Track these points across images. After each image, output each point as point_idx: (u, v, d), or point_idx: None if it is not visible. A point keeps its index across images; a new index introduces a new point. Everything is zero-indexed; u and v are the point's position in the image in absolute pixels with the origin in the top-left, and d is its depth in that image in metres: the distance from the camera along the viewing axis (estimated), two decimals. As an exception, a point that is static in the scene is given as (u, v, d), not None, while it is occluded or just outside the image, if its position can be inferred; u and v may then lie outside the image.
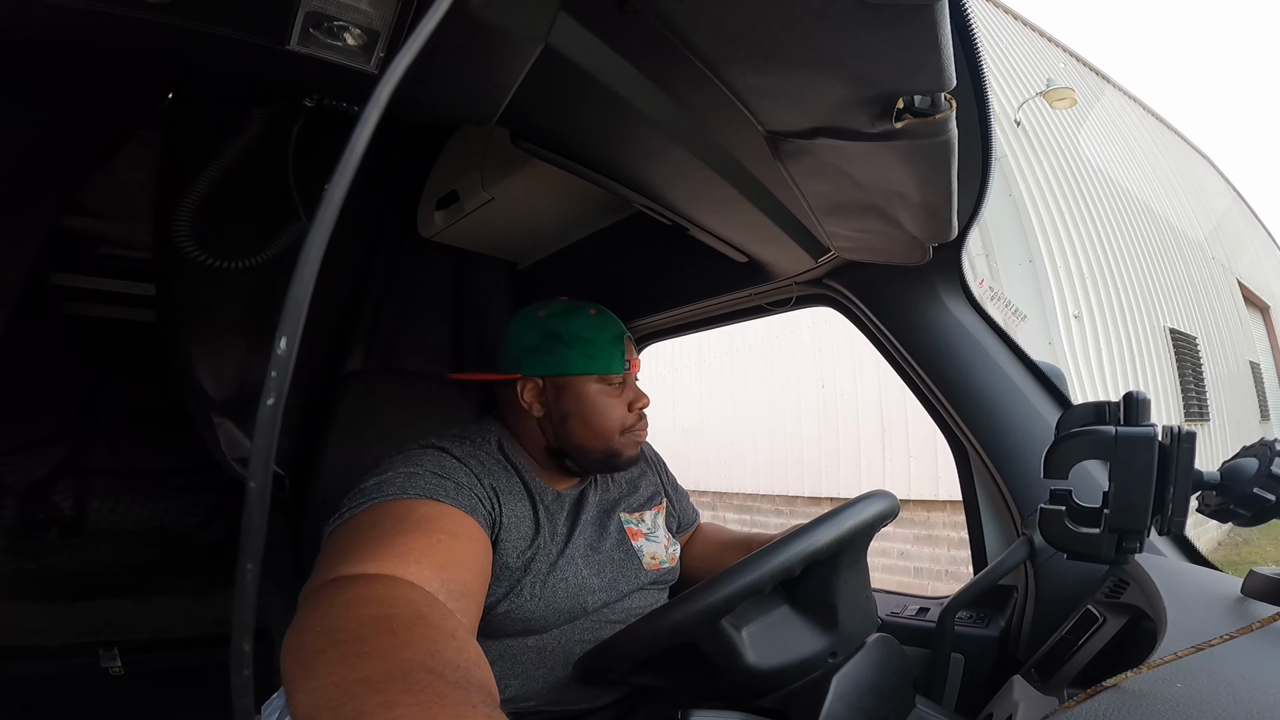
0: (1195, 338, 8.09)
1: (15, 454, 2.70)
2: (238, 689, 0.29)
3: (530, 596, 0.95)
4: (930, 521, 5.13)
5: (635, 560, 1.10)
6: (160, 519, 2.94)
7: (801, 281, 1.38)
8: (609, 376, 1.05)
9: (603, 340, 1.04)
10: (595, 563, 1.05)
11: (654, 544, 1.15)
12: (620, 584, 1.06)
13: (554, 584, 0.97)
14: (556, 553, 1.00)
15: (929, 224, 0.96)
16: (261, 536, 0.28)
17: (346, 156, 0.29)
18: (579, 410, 1.04)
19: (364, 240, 1.67)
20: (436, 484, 0.86)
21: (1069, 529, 0.76)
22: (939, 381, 1.24)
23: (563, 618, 0.98)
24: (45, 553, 2.48)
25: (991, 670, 1.14)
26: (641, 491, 1.21)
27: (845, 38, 0.55)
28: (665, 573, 1.15)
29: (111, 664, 1.93)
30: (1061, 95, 6.41)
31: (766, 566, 0.76)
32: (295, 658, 0.51)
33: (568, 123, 0.89)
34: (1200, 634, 0.63)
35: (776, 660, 0.80)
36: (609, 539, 1.09)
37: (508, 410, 1.10)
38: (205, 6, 0.61)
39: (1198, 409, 7.58)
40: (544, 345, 1.03)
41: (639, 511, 1.17)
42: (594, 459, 1.07)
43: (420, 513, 0.79)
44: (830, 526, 0.80)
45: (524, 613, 0.94)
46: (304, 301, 0.27)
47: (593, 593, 1.01)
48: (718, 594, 0.75)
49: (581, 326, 1.04)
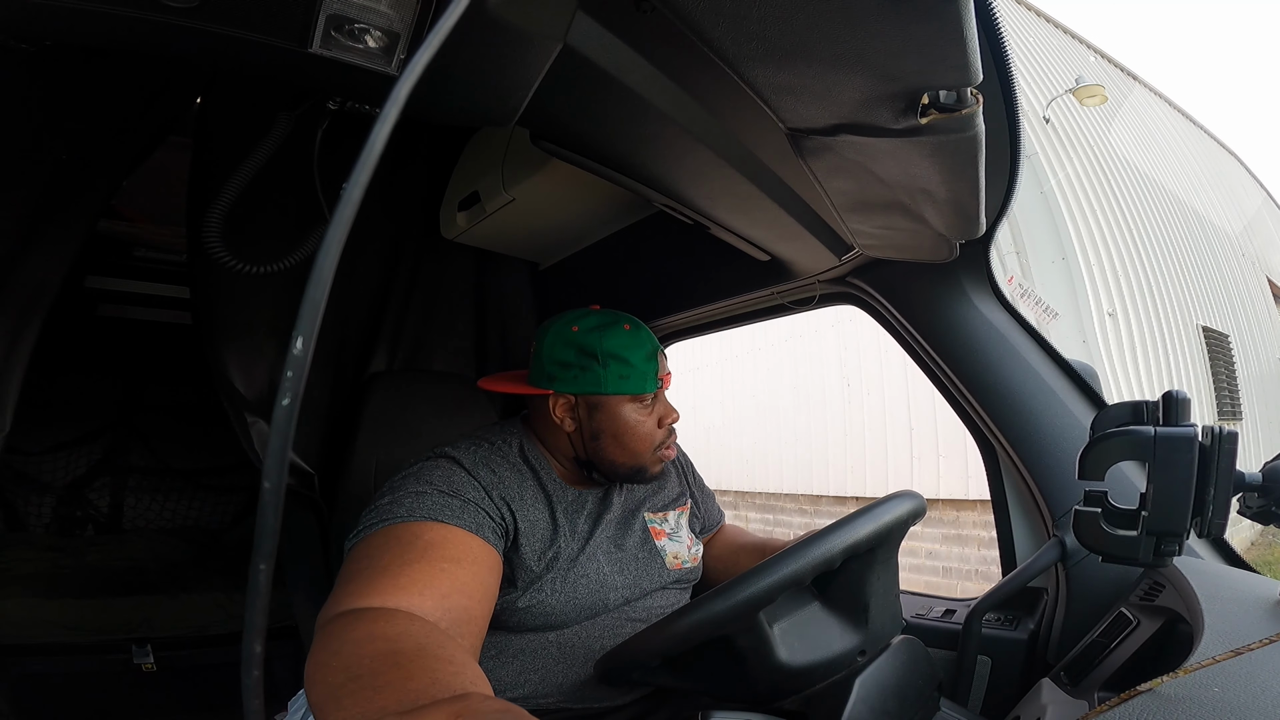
0: (1228, 335, 7.95)
1: (53, 453, 2.78)
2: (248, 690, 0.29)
3: (552, 592, 0.96)
4: (960, 521, 5.07)
5: (659, 559, 1.10)
6: (194, 517, 3.01)
7: (824, 280, 1.37)
8: (643, 396, 1.04)
9: (637, 359, 1.03)
10: (618, 560, 1.05)
11: (677, 544, 1.15)
12: (643, 582, 1.07)
13: (575, 580, 0.98)
14: (578, 549, 1.01)
15: (956, 220, 0.94)
16: (275, 537, 0.28)
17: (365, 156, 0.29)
18: (611, 429, 1.04)
19: (387, 243, 1.69)
20: (443, 504, 0.87)
21: (1105, 531, 0.74)
22: (967, 381, 1.22)
23: (584, 613, 0.99)
24: (82, 550, 2.54)
25: (1019, 673, 1.12)
26: (666, 492, 1.21)
27: (868, 33, 0.54)
28: (687, 572, 1.15)
29: (144, 660, 1.97)
30: (1092, 92, 6.33)
31: (809, 557, 0.75)
32: (322, 690, 0.59)
33: (587, 122, 0.89)
34: (1239, 638, 0.61)
35: (807, 658, 0.79)
36: (633, 537, 1.09)
37: (537, 419, 1.11)
38: (227, 10, 0.62)
39: (1230, 408, 7.42)
40: (578, 362, 1.02)
41: (663, 511, 1.17)
42: (621, 473, 1.07)
43: (426, 539, 0.82)
44: (869, 519, 0.79)
45: (545, 608, 0.95)
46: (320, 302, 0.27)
47: (615, 589, 1.02)
48: (760, 584, 0.73)
49: (617, 345, 1.02)
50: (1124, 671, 0.82)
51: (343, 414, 1.55)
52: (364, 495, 1.40)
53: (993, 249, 1.15)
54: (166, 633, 2.05)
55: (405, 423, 1.49)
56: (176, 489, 3.00)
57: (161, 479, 2.98)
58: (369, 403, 1.51)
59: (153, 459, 2.98)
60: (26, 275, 1.02)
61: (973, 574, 4.94)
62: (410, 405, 1.54)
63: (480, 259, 1.82)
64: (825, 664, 0.79)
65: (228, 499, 3.05)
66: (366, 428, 1.47)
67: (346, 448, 1.45)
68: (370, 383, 1.57)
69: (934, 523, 5.18)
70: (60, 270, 1.05)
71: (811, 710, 0.79)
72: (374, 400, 1.52)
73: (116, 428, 2.93)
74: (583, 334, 1.04)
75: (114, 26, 0.65)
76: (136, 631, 2.02)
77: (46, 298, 1.05)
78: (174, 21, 0.62)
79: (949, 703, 0.88)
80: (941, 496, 5.07)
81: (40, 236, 1.02)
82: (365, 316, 1.66)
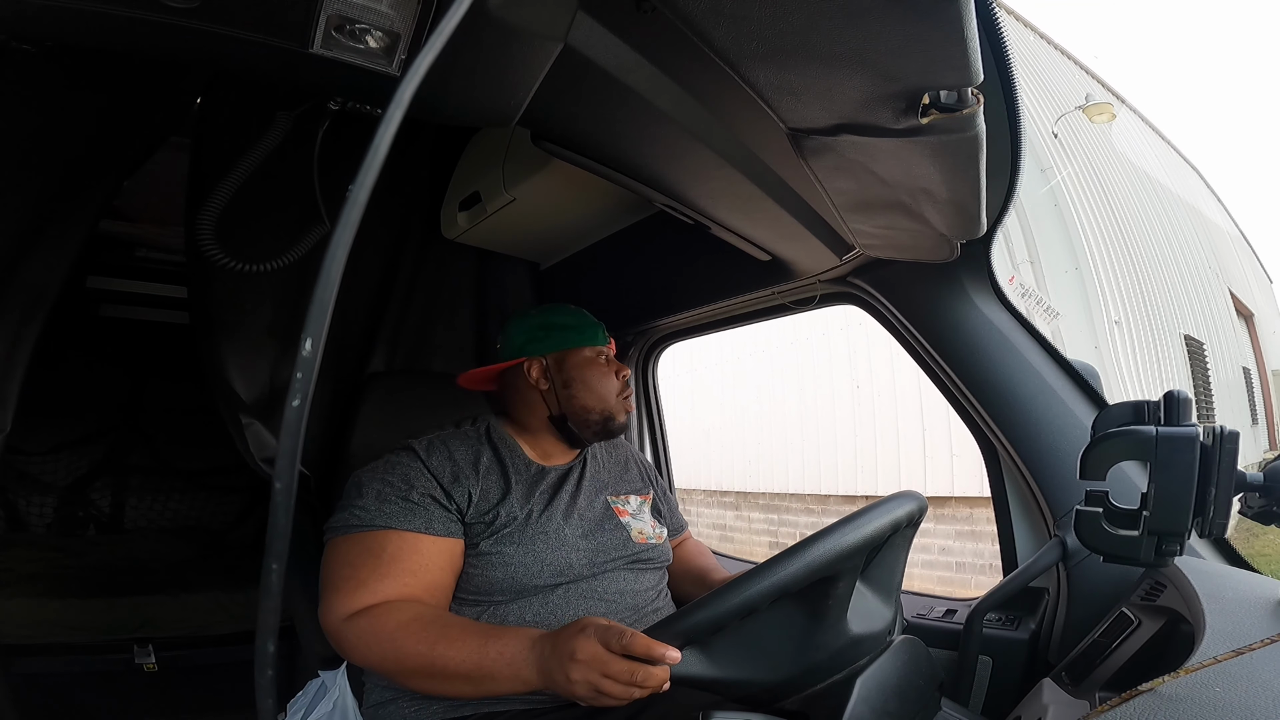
0: (1204, 343, 8.38)
1: (55, 453, 2.78)
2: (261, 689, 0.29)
3: (511, 544, 1.06)
4: (973, 518, 5.13)
5: (623, 532, 1.18)
6: (195, 517, 3.01)
7: (825, 280, 1.37)
8: (598, 349, 1.24)
9: (585, 324, 1.25)
10: (578, 526, 1.14)
11: (640, 522, 1.23)
12: (609, 549, 1.14)
13: (533, 534, 1.08)
14: (537, 511, 1.12)
15: (957, 220, 0.94)
16: (287, 537, 0.28)
17: (370, 158, 0.29)
18: (579, 376, 1.21)
19: (388, 242, 1.68)
20: (397, 508, 1.02)
21: (1106, 531, 0.74)
22: (968, 380, 1.22)
23: (547, 570, 1.06)
24: (83, 550, 2.54)
25: (1021, 673, 1.12)
26: (629, 480, 1.32)
27: (869, 33, 0.54)
28: (654, 549, 1.20)
29: (146, 660, 1.97)
30: (1101, 110, 6.57)
31: (885, 518, 0.79)
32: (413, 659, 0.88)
33: (588, 122, 0.89)
34: (1240, 638, 0.61)
35: (861, 628, 0.81)
36: (594, 511, 1.19)
37: (512, 396, 1.26)
38: (228, 10, 0.62)
39: (1205, 413, 7.71)
40: (541, 333, 1.23)
41: (625, 495, 1.27)
42: (594, 421, 1.22)
43: (390, 551, 0.99)
44: (905, 500, 0.83)
45: (506, 558, 1.05)
46: (328, 304, 0.27)
47: (576, 550, 1.10)
48: (861, 531, 0.76)
49: (566, 315, 1.26)
50: (1125, 671, 0.82)
51: (340, 416, 1.54)
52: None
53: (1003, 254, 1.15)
54: (168, 633, 2.05)
55: (401, 423, 1.49)
56: (178, 489, 3.00)
57: (163, 479, 2.98)
58: (365, 403, 1.51)
59: (154, 459, 2.97)
60: (28, 275, 1.02)
61: (986, 568, 4.98)
62: (407, 405, 1.53)
63: (481, 259, 1.82)
64: (871, 637, 0.82)
65: (229, 499, 3.05)
66: (361, 428, 1.47)
67: (342, 449, 1.45)
68: (367, 383, 1.56)
69: (947, 520, 5.23)
70: (62, 270, 1.05)
71: (812, 710, 0.79)
72: (370, 401, 1.52)
73: (118, 428, 2.93)
74: (539, 314, 1.27)
75: (114, 27, 0.65)
76: (138, 632, 2.02)
77: (48, 298, 1.05)
78: (174, 22, 0.63)
79: (950, 703, 0.88)
80: (955, 494, 5.13)
81: (42, 237, 1.02)
82: (365, 316, 1.66)
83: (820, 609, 0.78)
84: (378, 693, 1.08)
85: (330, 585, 0.98)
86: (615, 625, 0.77)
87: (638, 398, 1.97)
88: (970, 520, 5.12)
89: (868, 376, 5.85)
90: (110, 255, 2.43)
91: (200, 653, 2.07)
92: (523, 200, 1.37)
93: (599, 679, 0.74)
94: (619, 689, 0.74)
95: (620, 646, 0.74)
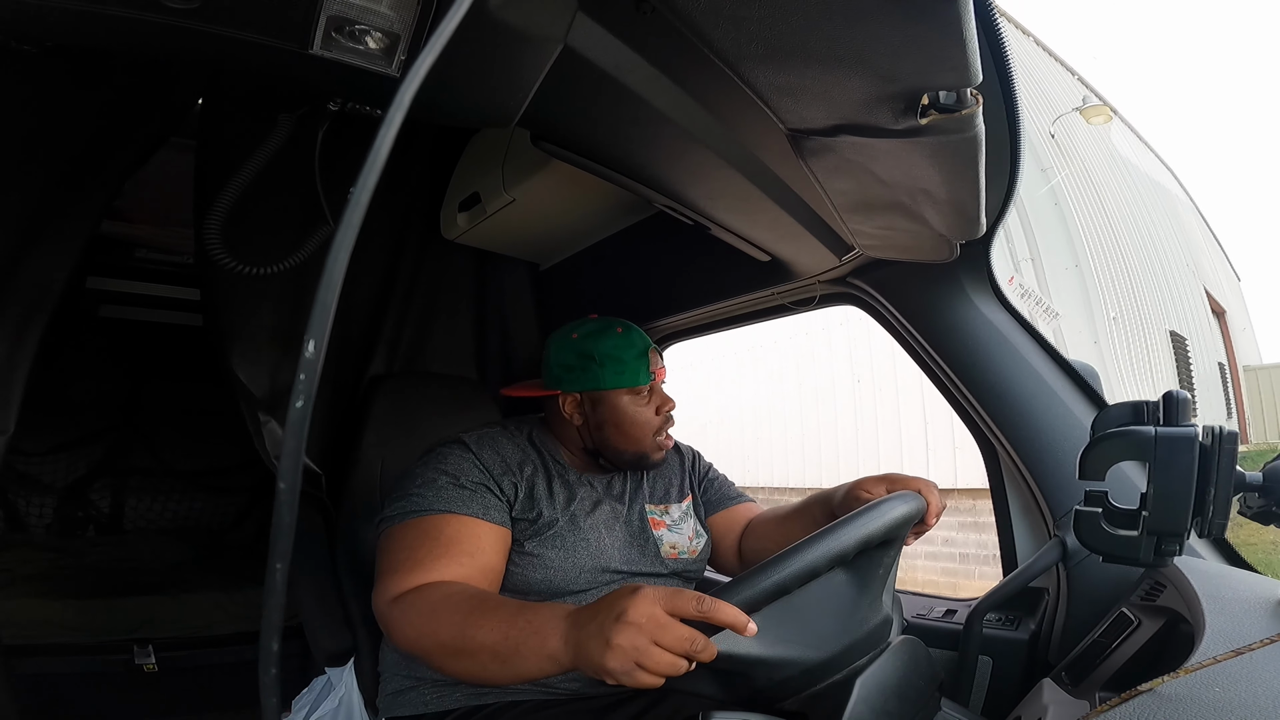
0: (1187, 339, 8.58)
1: (54, 454, 2.78)
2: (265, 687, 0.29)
3: (553, 546, 1.06)
4: (976, 509, 5.21)
5: (654, 547, 1.17)
6: (195, 518, 3.01)
7: (825, 280, 1.37)
8: (638, 389, 1.16)
9: (630, 357, 1.15)
10: (616, 535, 1.14)
11: (675, 535, 1.20)
12: (639, 563, 1.14)
13: (575, 541, 1.08)
14: (579, 516, 1.11)
15: (956, 221, 0.94)
16: (291, 536, 0.29)
17: (371, 159, 0.29)
18: (613, 419, 1.16)
19: (388, 243, 1.68)
20: (454, 494, 1.02)
21: (1105, 531, 0.74)
22: (967, 380, 1.22)
23: (585, 574, 1.07)
24: (83, 550, 2.54)
25: (1021, 673, 1.12)
26: (668, 485, 1.28)
27: (868, 33, 0.54)
28: (685, 564, 1.19)
29: (145, 661, 1.96)
30: (1098, 112, 6.80)
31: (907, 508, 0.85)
32: (448, 631, 0.83)
33: (588, 123, 0.89)
34: (1240, 638, 0.61)
35: (889, 612, 0.83)
36: (632, 522, 1.18)
37: (551, 417, 1.23)
38: (228, 11, 0.62)
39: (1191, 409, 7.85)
40: (579, 364, 1.16)
41: (663, 504, 1.24)
42: (626, 460, 1.18)
43: (447, 533, 0.98)
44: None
45: (547, 561, 1.05)
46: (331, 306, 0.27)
47: (613, 558, 1.10)
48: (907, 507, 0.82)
49: (611, 346, 1.15)
50: (1125, 672, 0.82)
51: (347, 415, 1.55)
52: (370, 495, 1.41)
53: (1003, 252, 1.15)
54: (168, 633, 2.04)
55: (410, 424, 1.50)
56: (178, 490, 2.99)
57: (163, 480, 2.98)
58: (375, 404, 1.52)
59: (154, 460, 2.97)
60: (29, 277, 1.02)
61: (990, 559, 5.03)
62: (414, 407, 1.54)
63: (481, 260, 1.82)
64: (889, 624, 0.84)
65: (229, 500, 3.04)
66: (373, 429, 1.48)
67: (353, 449, 1.46)
68: (375, 385, 1.57)
69: (951, 511, 5.32)
70: (63, 272, 1.05)
71: (812, 710, 0.79)
72: (380, 402, 1.53)
73: (118, 429, 2.92)
74: (581, 340, 1.17)
75: (115, 28, 0.65)
76: (138, 632, 2.01)
77: (49, 299, 1.05)
78: (174, 23, 0.63)
79: (950, 703, 0.88)
80: (959, 486, 5.23)
81: (42, 238, 1.02)
82: (366, 317, 1.66)
83: (870, 578, 0.81)
84: (396, 680, 1.08)
85: (386, 569, 0.97)
86: (685, 590, 0.68)
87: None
88: (974, 512, 5.24)
89: (869, 371, 5.94)
90: (110, 256, 2.42)
91: (200, 653, 2.07)
92: (522, 201, 1.37)
93: (646, 646, 0.64)
94: (666, 661, 0.65)
95: (696, 611, 0.65)
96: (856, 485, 1.02)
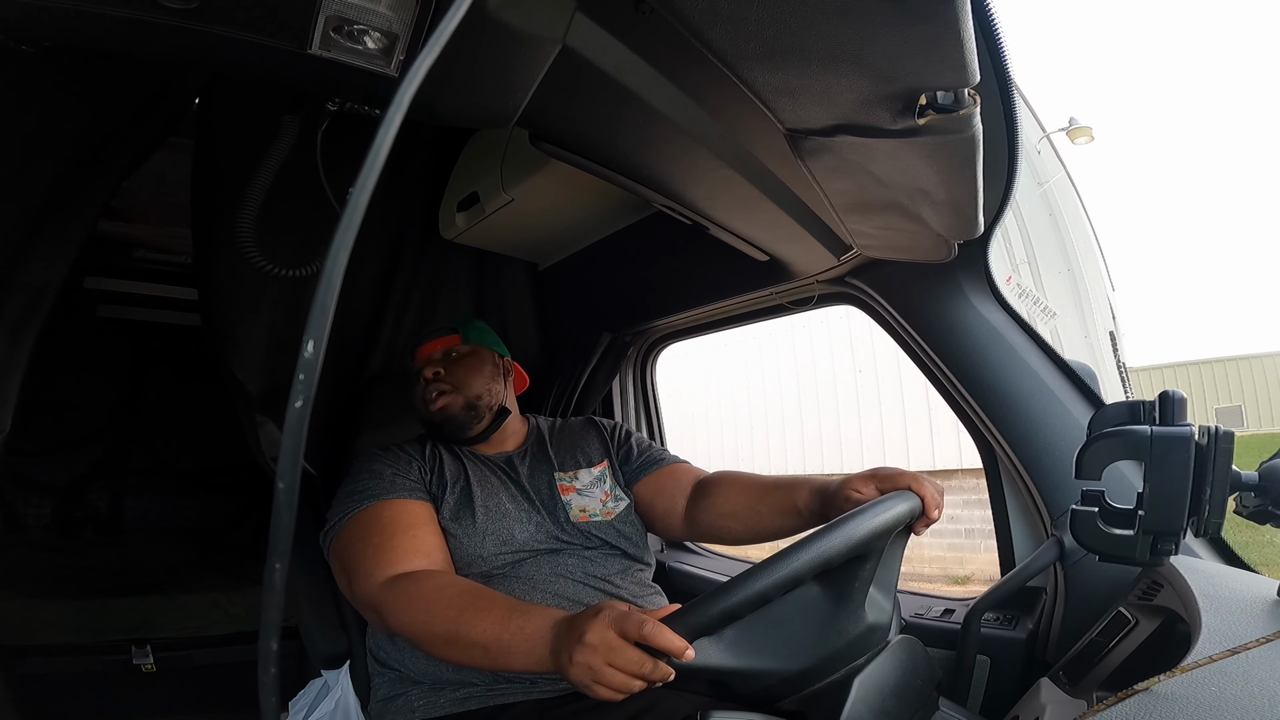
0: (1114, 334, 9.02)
1: (53, 453, 2.77)
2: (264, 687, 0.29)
3: (462, 520, 1.14)
4: (979, 488, 5.38)
5: (563, 511, 1.21)
6: (193, 518, 3.00)
7: (823, 280, 1.37)
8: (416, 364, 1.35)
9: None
10: (522, 504, 1.20)
11: (585, 498, 1.24)
12: (550, 527, 1.18)
13: (480, 514, 1.15)
14: (480, 490, 1.19)
15: (954, 220, 0.94)
16: (290, 536, 0.29)
17: (371, 160, 0.29)
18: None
19: (387, 243, 1.68)
20: (386, 485, 1.13)
21: (1102, 530, 0.75)
22: (965, 380, 1.22)
23: (494, 542, 1.13)
24: (82, 550, 2.53)
25: (1018, 673, 1.12)
26: (579, 453, 1.33)
27: (866, 34, 0.54)
28: (598, 526, 1.20)
29: (144, 661, 1.97)
30: (1082, 132, 7.06)
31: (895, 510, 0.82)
32: (442, 624, 0.89)
33: (586, 123, 0.89)
34: (1236, 637, 0.61)
35: (875, 618, 0.82)
36: (540, 491, 1.24)
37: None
38: (226, 10, 0.62)
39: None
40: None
41: (572, 470, 1.29)
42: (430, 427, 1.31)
43: (388, 515, 1.08)
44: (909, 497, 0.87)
45: (458, 540, 1.12)
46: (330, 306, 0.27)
47: (520, 524, 1.16)
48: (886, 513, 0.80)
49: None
50: (1122, 671, 0.82)
51: (343, 415, 1.55)
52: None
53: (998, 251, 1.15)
54: (166, 633, 2.05)
55: (405, 425, 1.50)
56: (176, 490, 2.99)
57: (161, 480, 2.97)
58: (370, 405, 1.52)
59: (152, 460, 2.97)
60: (27, 276, 1.02)
61: (993, 534, 5.15)
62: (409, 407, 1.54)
63: (480, 259, 1.82)
64: (880, 629, 0.83)
65: (227, 500, 3.04)
66: (368, 429, 1.48)
67: (348, 449, 1.46)
68: (370, 385, 1.57)
69: (955, 490, 5.52)
70: (60, 271, 1.05)
71: (811, 710, 0.79)
72: (374, 403, 1.53)
73: (116, 428, 2.92)
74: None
75: (113, 28, 0.65)
76: (136, 632, 2.01)
77: (47, 299, 1.04)
78: (173, 23, 0.62)
79: (948, 702, 0.88)
80: (964, 467, 5.39)
81: (40, 237, 1.02)
82: (364, 317, 1.66)
83: (846, 591, 0.79)
84: (386, 687, 1.08)
85: (354, 563, 1.03)
86: (635, 613, 0.72)
87: (637, 398, 1.98)
88: (977, 490, 5.43)
89: (870, 361, 6.13)
90: (108, 256, 2.42)
91: (198, 653, 2.07)
92: (521, 201, 1.37)
93: (601, 666, 0.70)
94: (619, 680, 0.69)
95: (638, 635, 0.69)
96: (845, 484, 1.00)
